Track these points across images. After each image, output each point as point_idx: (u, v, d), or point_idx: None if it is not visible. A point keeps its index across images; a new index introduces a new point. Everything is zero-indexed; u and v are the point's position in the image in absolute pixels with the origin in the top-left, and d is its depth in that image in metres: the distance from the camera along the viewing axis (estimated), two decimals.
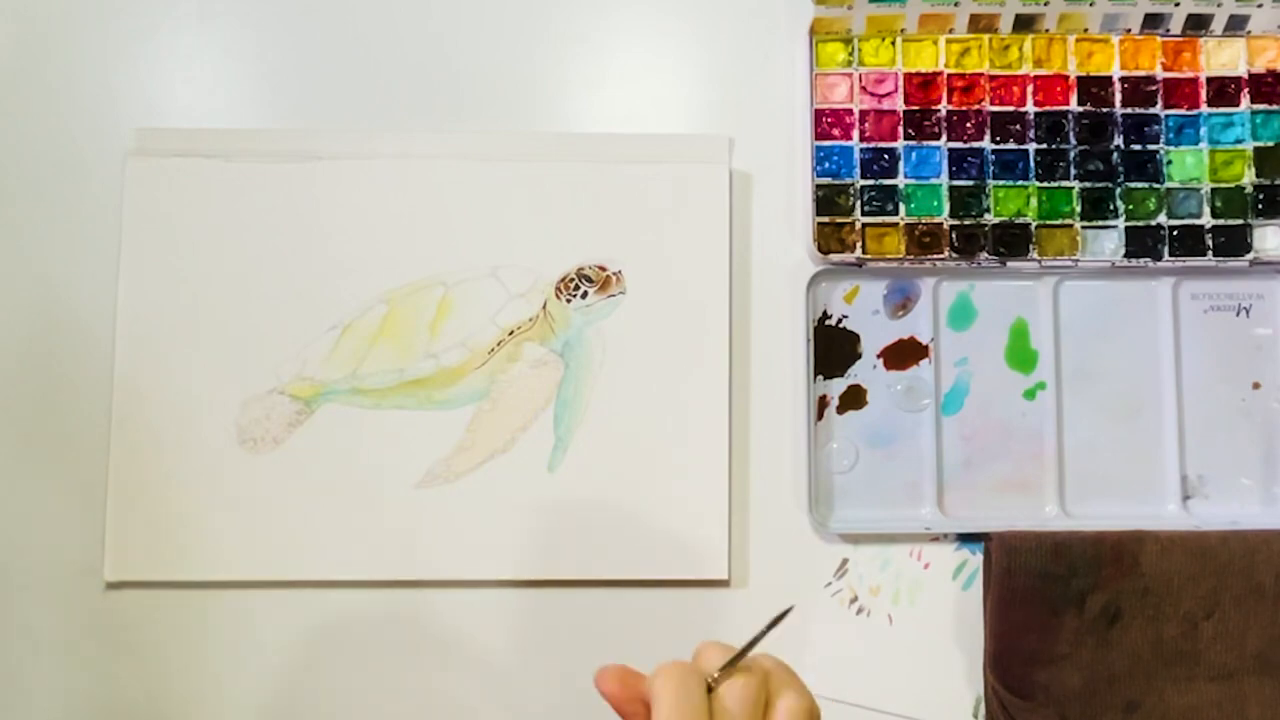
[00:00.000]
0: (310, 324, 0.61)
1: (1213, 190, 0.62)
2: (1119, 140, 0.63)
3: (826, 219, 0.62)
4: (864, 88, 0.63)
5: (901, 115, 0.63)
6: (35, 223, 0.62)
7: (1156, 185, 0.62)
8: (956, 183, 0.62)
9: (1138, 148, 0.63)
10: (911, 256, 0.62)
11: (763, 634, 0.43)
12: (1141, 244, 0.62)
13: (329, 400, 0.60)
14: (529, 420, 0.60)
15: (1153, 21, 0.63)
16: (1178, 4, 0.62)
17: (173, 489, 0.59)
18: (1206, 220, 0.62)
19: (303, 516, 0.59)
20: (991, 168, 0.62)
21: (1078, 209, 0.62)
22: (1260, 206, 0.62)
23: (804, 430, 0.61)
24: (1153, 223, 0.62)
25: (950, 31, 0.63)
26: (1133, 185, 0.62)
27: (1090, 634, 0.59)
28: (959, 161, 0.62)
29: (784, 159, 0.63)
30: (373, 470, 0.60)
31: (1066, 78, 0.63)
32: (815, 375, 0.61)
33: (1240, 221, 0.62)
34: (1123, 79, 0.63)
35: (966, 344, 0.62)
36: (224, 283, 0.61)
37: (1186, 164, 0.63)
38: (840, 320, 0.62)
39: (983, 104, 0.63)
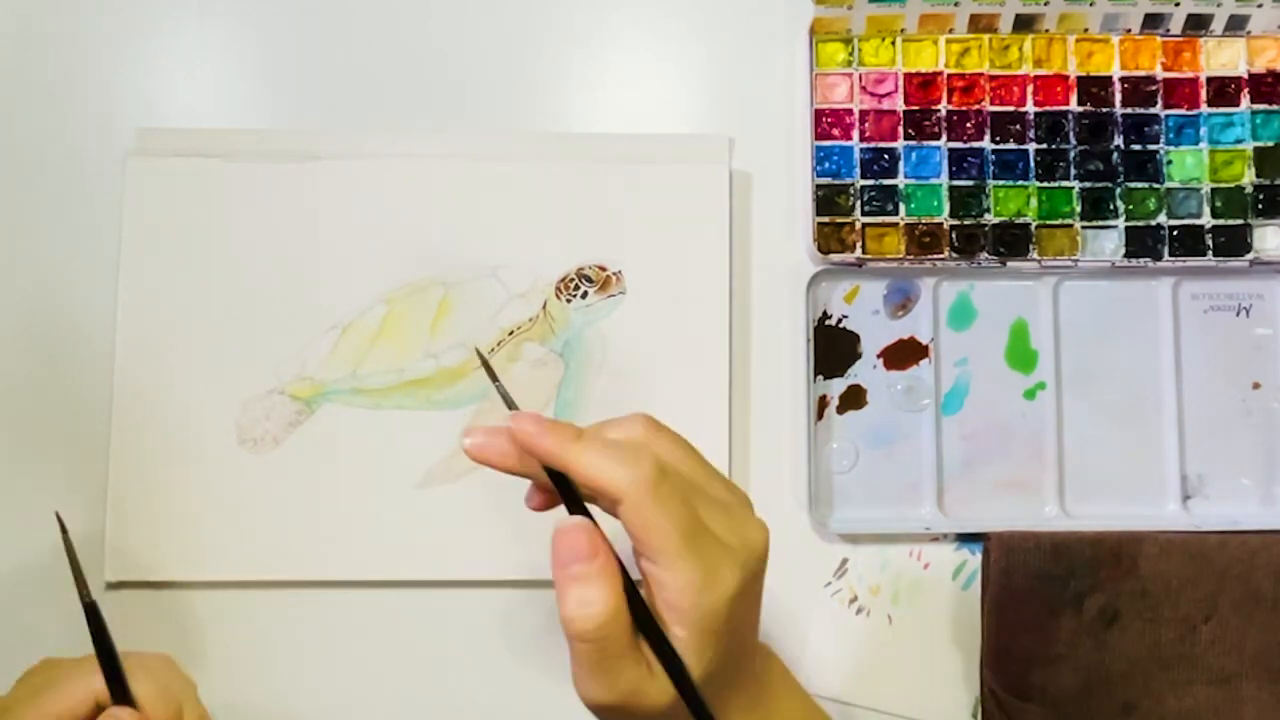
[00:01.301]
0: (310, 324, 0.61)
1: (1213, 190, 0.62)
2: (1119, 140, 0.63)
3: (826, 219, 0.62)
4: (864, 88, 0.63)
5: (901, 115, 0.63)
6: (35, 223, 0.62)
7: (1156, 185, 0.62)
8: (956, 183, 0.62)
9: (1138, 148, 0.63)
10: (911, 256, 0.62)
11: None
12: (1141, 244, 0.62)
13: (329, 400, 0.60)
14: None
15: (1153, 21, 0.63)
16: (1178, 4, 0.62)
17: (173, 489, 0.59)
18: (1206, 220, 0.62)
19: (303, 516, 0.59)
20: (991, 168, 0.62)
21: (1078, 209, 0.62)
22: (1260, 206, 0.62)
23: (804, 430, 0.61)
24: (1153, 223, 0.62)
25: (950, 31, 0.63)
26: (1133, 185, 0.62)
27: (1088, 635, 0.59)
28: (959, 161, 0.62)
29: (784, 159, 0.63)
30: (373, 470, 0.60)
31: (1066, 78, 0.63)
32: (815, 375, 0.61)
33: (1240, 221, 0.62)
34: (1123, 79, 0.63)
35: (966, 344, 0.62)
36: (224, 283, 0.61)
37: (1186, 164, 0.63)
38: (840, 320, 0.62)
39: (983, 104, 0.63)
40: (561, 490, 0.44)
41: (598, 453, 0.42)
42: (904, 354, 0.62)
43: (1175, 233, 0.62)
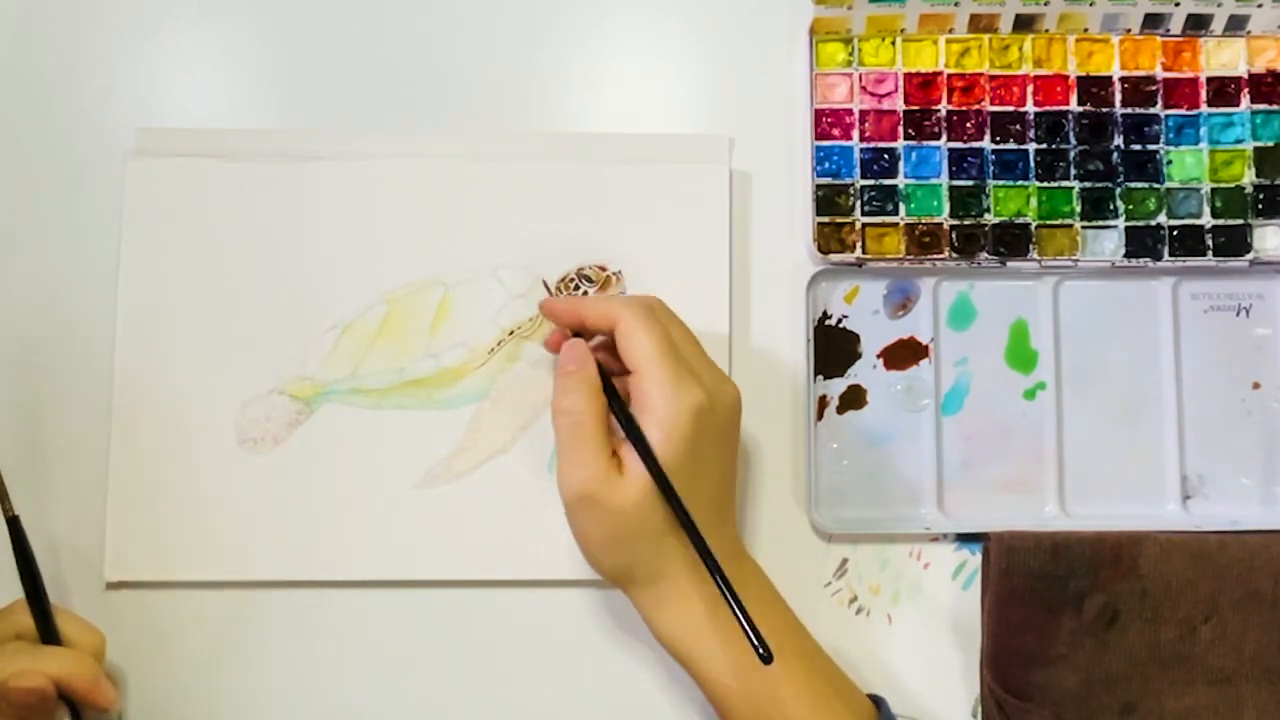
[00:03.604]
0: (310, 324, 0.61)
1: (1213, 190, 0.62)
2: (1119, 140, 0.63)
3: (826, 219, 0.62)
4: (864, 88, 0.63)
5: (901, 115, 0.63)
6: (35, 223, 0.62)
7: (1156, 185, 0.62)
8: (956, 183, 0.62)
9: (1138, 148, 0.63)
10: (911, 256, 0.62)
11: None
12: (1141, 244, 0.62)
13: (329, 400, 0.60)
14: (529, 420, 0.60)
15: (1153, 21, 0.63)
16: (1178, 4, 0.62)
17: (173, 489, 0.59)
18: (1206, 220, 0.62)
19: (303, 516, 0.59)
20: (991, 168, 0.62)
21: (1078, 209, 0.62)
22: (1260, 206, 0.62)
23: (804, 430, 0.61)
24: (1153, 223, 0.62)
25: (950, 31, 0.63)
26: (1133, 185, 0.62)
27: (1088, 635, 0.59)
28: (959, 161, 0.62)
29: (784, 159, 0.63)
30: (373, 470, 0.60)
31: (1066, 78, 0.63)
32: (815, 375, 0.61)
33: (1240, 221, 0.62)
34: (1123, 79, 0.63)
35: (966, 344, 0.62)
36: (224, 283, 0.61)
37: (1186, 164, 0.63)
38: (840, 320, 0.62)
39: (983, 104, 0.63)
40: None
41: (604, 299, 0.56)
42: (904, 354, 0.62)
43: (1175, 233, 0.62)
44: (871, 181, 0.62)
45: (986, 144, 0.62)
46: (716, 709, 0.54)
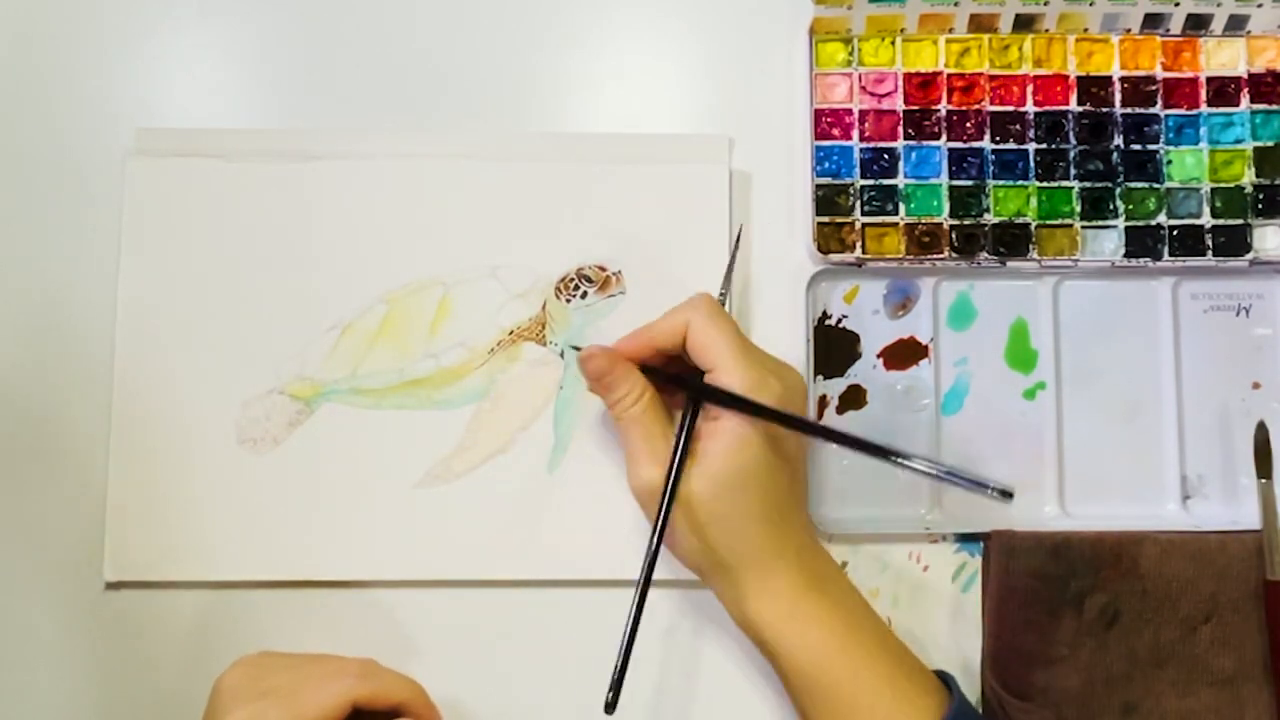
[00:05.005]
0: (310, 324, 0.61)
1: (1213, 190, 0.62)
2: (1119, 140, 0.63)
3: (826, 219, 0.62)
4: (864, 88, 0.63)
5: (901, 115, 0.63)
6: (35, 222, 0.62)
7: (1156, 185, 0.62)
8: (956, 183, 0.62)
9: (1138, 148, 0.63)
10: (911, 256, 0.62)
11: (734, 253, 0.59)
12: (1141, 244, 0.62)
13: (329, 400, 0.60)
14: (529, 420, 0.60)
15: (1153, 21, 0.63)
16: (1178, 4, 0.62)
17: (173, 489, 0.59)
18: (1206, 220, 0.62)
19: (303, 516, 0.59)
20: (991, 168, 0.62)
21: (1078, 209, 0.62)
22: (1260, 206, 0.62)
23: None
24: (1153, 223, 0.62)
25: (950, 31, 0.63)
26: (1133, 185, 0.62)
27: (1089, 635, 0.59)
28: (959, 161, 0.62)
29: (784, 159, 0.63)
30: (372, 470, 0.60)
31: (1066, 78, 0.63)
32: (815, 375, 0.61)
33: (1240, 221, 0.62)
34: (1123, 79, 0.63)
35: (966, 344, 0.62)
36: (223, 283, 0.61)
37: (1186, 164, 0.63)
38: (840, 320, 0.62)
39: (982, 104, 0.63)
40: (655, 375, 0.56)
41: (664, 318, 0.55)
42: (904, 354, 0.62)
43: (1175, 233, 0.62)
44: (871, 181, 0.62)
45: (986, 144, 0.62)
46: (794, 695, 0.54)
